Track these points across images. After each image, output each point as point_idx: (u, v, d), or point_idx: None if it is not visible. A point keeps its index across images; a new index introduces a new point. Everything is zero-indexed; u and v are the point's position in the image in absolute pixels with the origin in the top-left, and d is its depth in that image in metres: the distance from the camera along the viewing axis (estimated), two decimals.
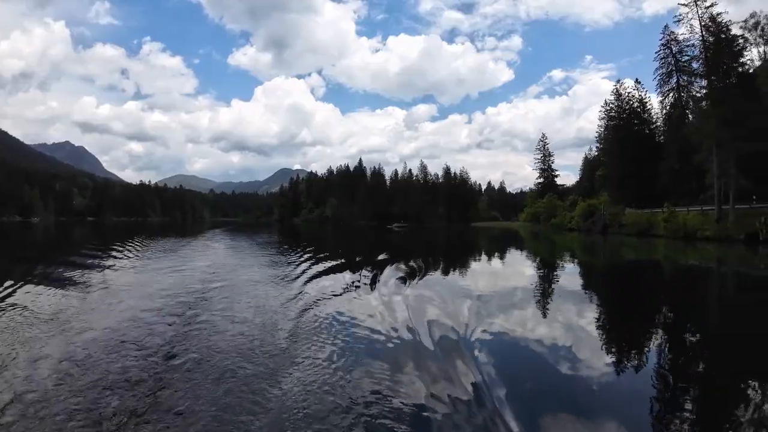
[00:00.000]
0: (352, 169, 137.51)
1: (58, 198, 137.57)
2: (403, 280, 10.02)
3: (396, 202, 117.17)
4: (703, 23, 34.17)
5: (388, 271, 11.46)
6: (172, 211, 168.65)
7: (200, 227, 68.24)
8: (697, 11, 34.55)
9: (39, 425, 3.08)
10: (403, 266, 12.53)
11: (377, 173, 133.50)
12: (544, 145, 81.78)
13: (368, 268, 11.89)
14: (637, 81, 51.28)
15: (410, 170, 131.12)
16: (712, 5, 34.23)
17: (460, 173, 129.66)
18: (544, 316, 7.28)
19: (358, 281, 9.60)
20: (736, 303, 9.47)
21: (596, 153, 57.88)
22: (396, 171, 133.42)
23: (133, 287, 9.16)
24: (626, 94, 52.22)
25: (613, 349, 5.50)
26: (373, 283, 9.43)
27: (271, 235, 41.07)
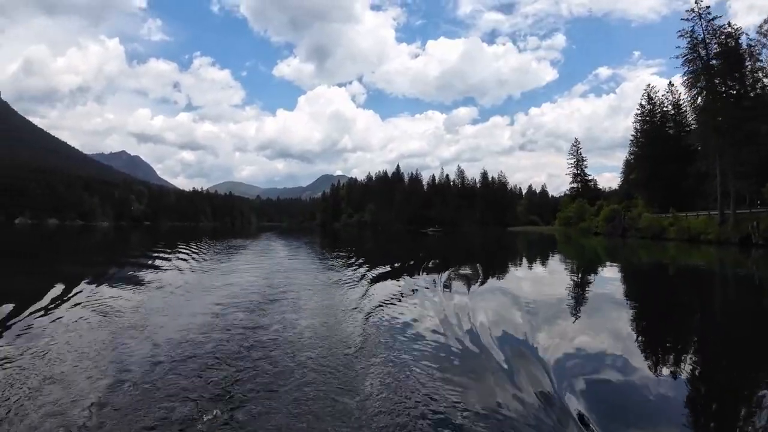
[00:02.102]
0: (390, 174, 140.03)
1: (116, 204, 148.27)
2: (447, 284, 9.94)
3: (432, 207, 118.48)
4: (706, 35, 34.00)
5: (430, 275, 11.31)
6: (222, 216, 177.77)
7: (249, 231, 71.81)
8: (701, 23, 34.51)
9: (127, 418, 3.26)
10: (437, 270, 12.40)
11: (414, 178, 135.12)
12: (577, 150, 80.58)
13: (409, 273, 12.02)
14: (670, 83, 50.67)
15: (447, 175, 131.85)
16: (715, 18, 33.73)
17: (498, 177, 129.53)
18: (581, 319, 7.23)
19: (408, 286, 9.54)
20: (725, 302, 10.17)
21: (631, 156, 57.64)
22: (433, 176, 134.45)
23: (203, 287, 9.62)
24: (659, 96, 51.26)
25: (660, 355, 5.46)
26: (421, 287, 9.38)
27: (314, 238, 42.98)
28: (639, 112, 52.67)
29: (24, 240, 34.13)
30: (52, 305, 7.21)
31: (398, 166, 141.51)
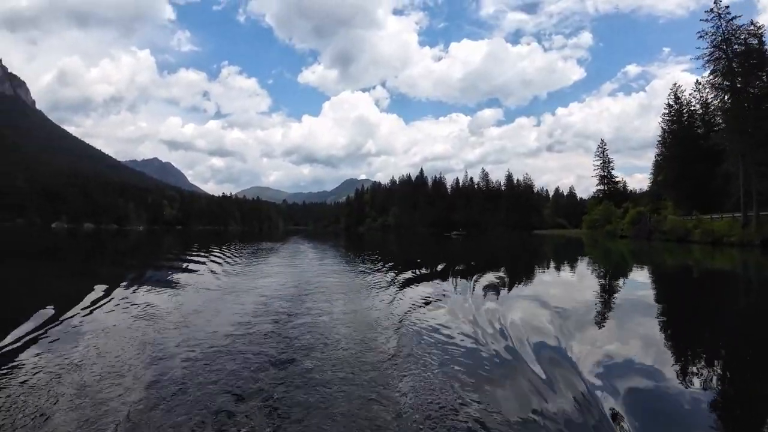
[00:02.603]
0: (413, 178, 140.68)
1: (149, 209, 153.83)
2: (477, 287, 9.81)
3: (456, 210, 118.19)
4: (726, 36, 33.29)
5: (458, 280, 11.25)
6: (251, 220, 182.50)
7: (277, 235, 73.42)
8: (722, 24, 33.95)
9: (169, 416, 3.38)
10: (464, 274, 12.19)
11: (438, 182, 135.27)
12: (603, 151, 79.18)
13: (437, 278, 12.09)
14: (697, 82, 49.63)
15: (471, 178, 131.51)
16: (735, 18, 33.08)
17: (524, 179, 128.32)
18: (611, 324, 7.14)
19: (437, 290, 9.49)
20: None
21: (659, 157, 56.54)
22: (457, 179, 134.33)
23: (237, 289, 9.79)
24: (686, 96, 50.12)
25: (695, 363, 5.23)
26: (450, 292, 9.33)
27: (340, 242, 43.68)
28: (666, 111, 51.84)
29: (63, 243, 35.39)
30: (92, 307, 7.43)
31: (422, 169, 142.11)
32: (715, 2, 33.60)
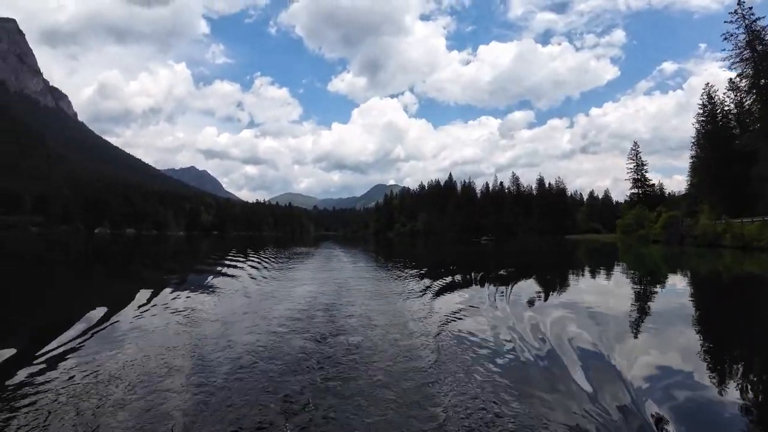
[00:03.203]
0: (442, 183, 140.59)
1: (187, 215, 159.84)
2: (512, 296, 9.75)
3: (486, 215, 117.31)
4: (751, 38, 32.47)
5: (493, 287, 11.11)
6: (283, 225, 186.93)
7: (308, 240, 74.76)
8: (744, 22, 33.22)
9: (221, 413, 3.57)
10: (499, 281, 12.08)
11: (467, 186, 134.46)
12: (637, 154, 76.92)
13: (471, 285, 12.18)
14: (731, 80, 48.26)
15: (501, 182, 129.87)
16: (758, 19, 32.27)
17: (556, 183, 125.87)
18: (651, 332, 6.90)
19: (472, 298, 9.43)
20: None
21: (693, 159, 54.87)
22: (487, 183, 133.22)
23: (276, 294, 10.02)
24: (719, 95, 48.04)
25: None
26: (486, 300, 9.21)
27: (370, 247, 43.93)
28: (700, 111, 50.58)
29: (108, 248, 36.59)
30: (139, 310, 7.77)
31: (450, 174, 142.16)
32: (739, 3, 33.19)
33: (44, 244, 40.19)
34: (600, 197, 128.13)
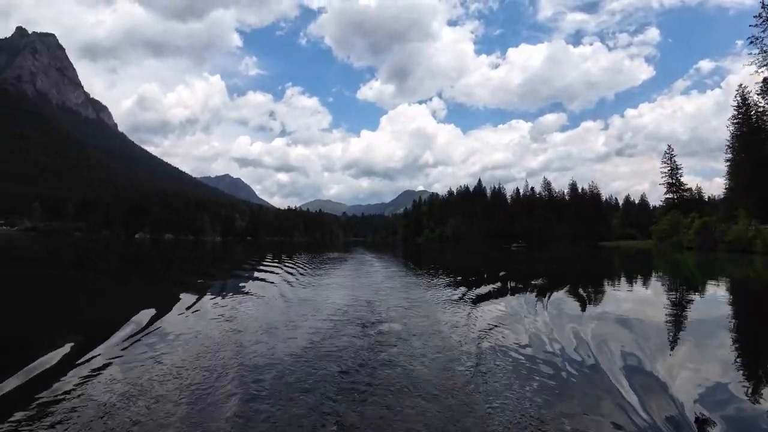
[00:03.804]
0: (471, 188, 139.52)
1: (223, 221, 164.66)
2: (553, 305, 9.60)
3: (517, 221, 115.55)
4: None
5: (529, 296, 11.11)
6: (314, 232, 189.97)
7: (339, 245, 75.68)
8: None
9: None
10: (535, 290, 12.05)
11: (497, 192, 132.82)
12: (671, 157, 74.72)
13: (506, 293, 11.90)
14: (765, 81, 46.24)
15: (532, 188, 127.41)
16: None
17: (590, 187, 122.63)
18: (690, 342, 6.78)
19: (510, 307, 9.27)
20: None
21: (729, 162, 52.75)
22: (517, 189, 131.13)
23: (315, 299, 10.24)
24: (753, 96, 46.04)
25: None
26: (524, 309, 9.05)
27: (400, 252, 44.27)
28: (734, 113, 48.82)
29: (150, 253, 37.76)
30: (183, 313, 8.08)
31: (479, 180, 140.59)
32: (763, 7, 32.29)
33: (87, 249, 41.91)
34: (636, 202, 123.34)
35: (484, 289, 12.17)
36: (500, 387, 4.43)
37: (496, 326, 7.25)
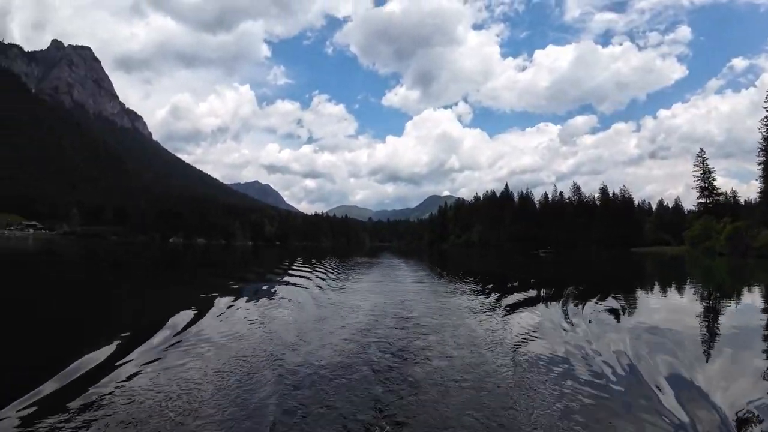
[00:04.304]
0: (498, 194, 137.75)
1: (252, 226, 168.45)
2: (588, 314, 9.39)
3: (545, 226, 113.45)
4: None
5: (563, 304, 10.84)
6: (340, 236, 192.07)
7: (365, 250, 76.30)
8: None
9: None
10: (569, 298, 11.85)
11: (525, 197, 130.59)
12: (703, 161, 72.20)
13: (538, 302, 11.67)
14: None
15: (561, 192, 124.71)
16: None
17: (621, 192, 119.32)
18: (727, 353, 6.63)
19: (545, 316, 9.07)
20: None
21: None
22: (545, 194, 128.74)
23: (346, 304, 10.39)
24: None
25: None
26: (561, 318, 8.87)
27: (425, 258, 44.15)
28: (767, 114, 47.37)
29: (184, 257, 38.31)
30: (219, 317, 8.28)
31: (506, 185, 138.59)
32: None
33: (124, 252, 43.33)
34: (670, 206, 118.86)
35: (515, 297, 12.00)
36: (539, 399, 4.34)
37: (531, 335, 7.13)
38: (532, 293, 13.14)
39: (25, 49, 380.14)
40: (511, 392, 4.52)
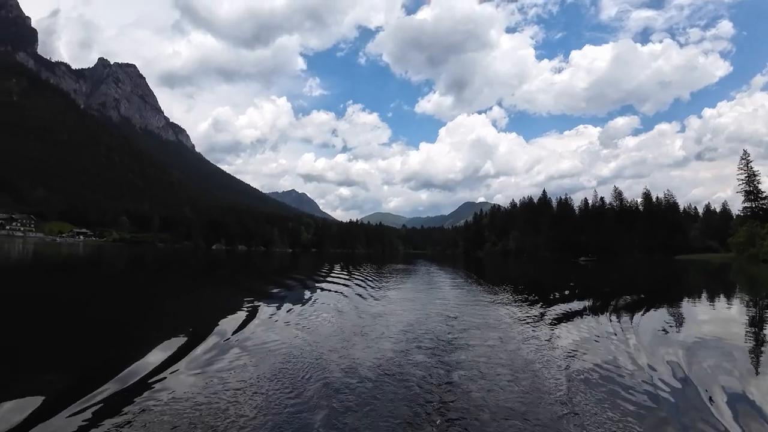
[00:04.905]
0: (536, 200, 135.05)
1: (290, 233, 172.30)
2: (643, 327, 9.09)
3: (585, 233, 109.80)
4: None
5: (610, 315, 10.51)
6: (374, 244, 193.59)
7: (399, 257, 76.51)
8: None
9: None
10: (615, 308, 11.57)
11: (563, 203, 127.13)
12: (747, 163, 68.91)
13: (586, 313, 11.29)
14: None
15: (602, 198, 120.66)
16: None
17: (665, 197, 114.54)
18: None
19: (595, 329, 8.71)
20: None
21: None
22: (585, 199, 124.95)
23: (387, 312, 10.42)
24: None
25: None
26: (610, 331, 8.54)
27: (461, 265, 43.07)
28: None
29: (228, 262, 38.67)
30: (264, 323, 8.48)
31: (544, 190, 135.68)
32: None
33: (172, 259, 44.75)
34: (718, 210, 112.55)
35: (560, 307, 11.71)
36: (591, 413, 4.26)
37: (580, 348, 6.96)
38: (577, 304, 12.87)
39: (73, 67, 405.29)
40: (563, 405, 4.45)
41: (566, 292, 16.85)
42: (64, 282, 18.25)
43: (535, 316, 10.25)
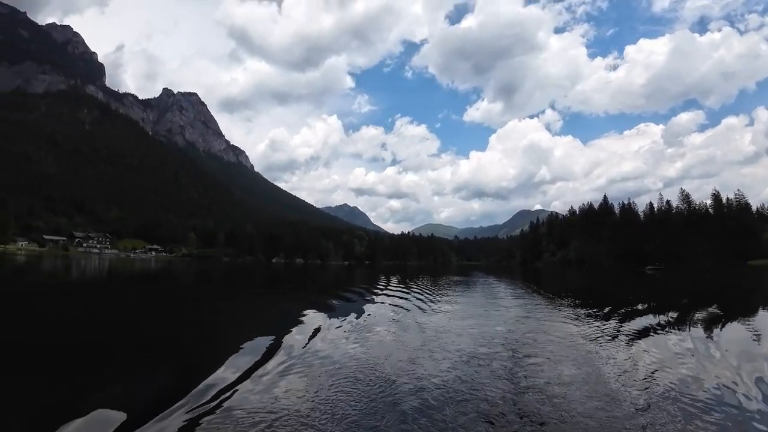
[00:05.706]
0: (596, 206, 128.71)
1: (344, 247, 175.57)
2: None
3: (650, 239, 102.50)
4: None
5: (690, 330, 9.77)
6: (426, 255, 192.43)
7: (453, 269, 75.45)
8: None
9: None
10: (694, 322, 10.84)
11: (626, 208, 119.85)
12: None
13: (663, 328, 10.71)
14: None
15: (668, 201, 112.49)
16: None
17: (736, 197, 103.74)
18: None
19: (676, 344, 8.32)
20: None
21: None
22: (650, 203, 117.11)
23: (451, 327, 10.19)
24: None
25: None
26: (694, 347, 8.01)
27: (518, 277, 42.18)
28: None
29: (288, 275, 39.41)
30: (327, 337, 8.58)
31: (605, 195, 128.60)
32: None
33: (237, 272, 46.43)
34: None
35: (633, 321, 11.09)
36: None
37: (661, 365, 6.56)
38: (651, 317, 12.13)
39: (140, 97, 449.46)
40: (643, 429, 4.24)
41: (634, 304, 16.01)
42: (140, 295, 19.49)
43: (607, 330, 9.75)
